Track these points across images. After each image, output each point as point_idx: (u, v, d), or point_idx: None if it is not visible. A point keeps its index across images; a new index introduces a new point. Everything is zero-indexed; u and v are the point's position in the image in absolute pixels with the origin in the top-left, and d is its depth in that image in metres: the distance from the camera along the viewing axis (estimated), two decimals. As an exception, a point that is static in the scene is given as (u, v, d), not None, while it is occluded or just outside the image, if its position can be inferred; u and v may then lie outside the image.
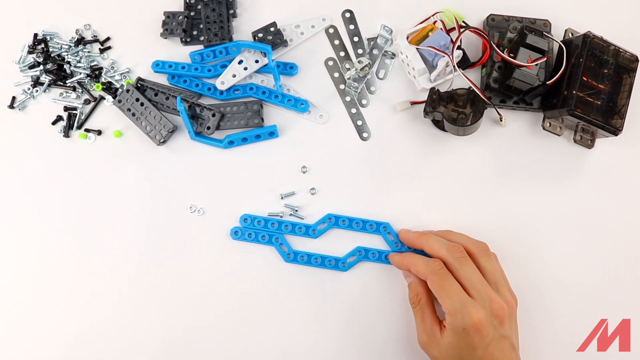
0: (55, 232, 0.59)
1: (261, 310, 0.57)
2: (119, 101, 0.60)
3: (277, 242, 0.58)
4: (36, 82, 0.62)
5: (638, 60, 0.56)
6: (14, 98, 0.62)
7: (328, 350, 0.56)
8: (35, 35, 0.63)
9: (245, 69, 0.61)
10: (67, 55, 0.62)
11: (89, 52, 0.63)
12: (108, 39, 0.63)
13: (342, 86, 0.62)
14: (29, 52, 0.63)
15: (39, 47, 0.62)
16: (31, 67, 0.62)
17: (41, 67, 0.62)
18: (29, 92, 0.62)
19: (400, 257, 0.55)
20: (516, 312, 0.52)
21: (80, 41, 0.63)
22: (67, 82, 0.62)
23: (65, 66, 0.62)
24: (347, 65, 0.61)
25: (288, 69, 0.61)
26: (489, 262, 0.52)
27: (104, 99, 0.62)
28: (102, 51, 0.63)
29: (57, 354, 0.57)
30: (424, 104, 0.57)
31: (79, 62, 0.62)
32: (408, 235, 0.56)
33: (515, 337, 0.51)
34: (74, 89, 0.62)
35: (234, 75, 0.60)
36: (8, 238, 0.59)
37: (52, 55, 0.62)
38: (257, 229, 0.58)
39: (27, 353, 0.57)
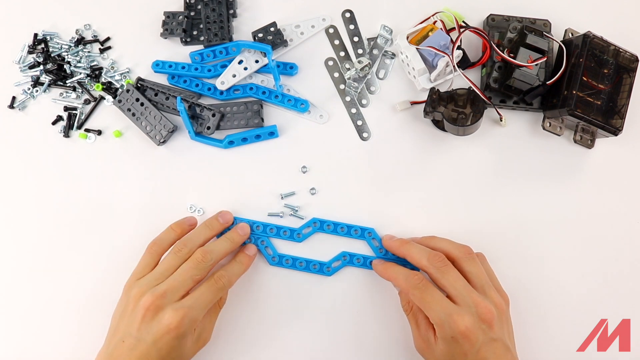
0: (54, 232, 0.59)
1: (245, 312, 0.57)
2: (119, 101, 0.60)
3: (263, 244, 0.58)
4: (36, 82, 0.62)
5: (638, 60, 0.56)
6: (14, 98, 0.62)
7: (312, 354, 0.56)
8: (35, 35, 0.63)
9: (245, 69, 0.61)
10: (67, 55, 0.62)
11: (89, 52, 0.63)
12: (108, 39, 0.63)
13: (342, 86, 0.62)
14: (29, 52, 0.63)
15: (39, 47, 0.62)
16: (31, 67, 0.62)
17: (41, 66, 0.62)
18: (28, 92, 0.62)
19: (382, 268, 0.55)
20: (508, 312, 0.52)
21: (80, 41, 0.63)
22: (67, 82, 0.62)
23: (65, 66, 0.62)
24: (347, 65, 0.61)
25: (288, 69, 0.62)
26: (473, 266, 0.51)
27: (104, 99, 0.62)
28: (102, 51, 0.63)
29: (55, 351, 0.57)
30: (424, 104, 0.57)
31: (79, 62, 0.62)
32: (390, 243, 0.56)
33: (509, 338, 0.51)
34: (74, 89, 0.62)
35: (234, 75, 0.60)
36: (8, 238, 0.59)
37: (52, 55, 0.62)
38: None
39: (25, 349, 0.57)
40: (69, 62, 0.62)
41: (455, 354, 0.48)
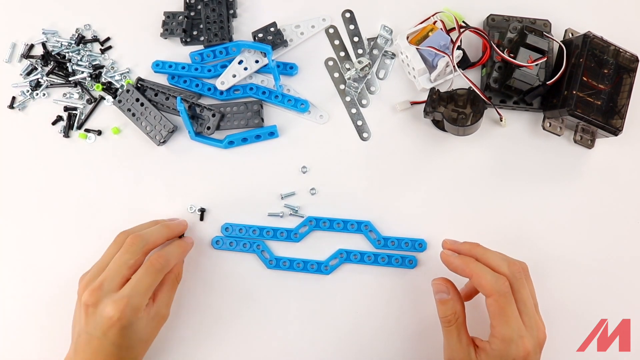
0: (54, 232, 0.59)
1: (246, 316, 0.57)
2: (119, 101, 0.60)
3: (259, 249, 0.58)
4: (36, 86, 0.62)
5: (638, 60, 0.56)
6: (13, 98, 0.62)
7: (314, 355, 0.56)
8: (32, 46, 0.63)
9: (245, 69, 0.61)
10: (68, 53, 0.62)
11: (90, 51, 0.63)
12: (108, 39, 0.63)
13: (342, 86, 0.62)
14: (25, 57, 0.62)
15: (35, 53, 0.62)
16: (29, 73, 0.62)
17: (40, 68, 0.62)
18: (27, 94, 0.61)
19: (462, 263, 0.49)
20: None
21: (81, 40, 0.63)
22: (69, 79, 0.61)
23: (67, 64, 0.62)
24: (347, 66, 0.61)
25: (288, 69, 0.61)
26: (531, 284, 0.50)
27: (104, 99, 0.62)
28: (103, 51, 0.63)
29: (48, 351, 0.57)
30: (424, 104, 0.57)
31: (81, 60, 0.62)
32: (460, 246, 0.52)
33: None
34: (76, 84, 0.61)
35: (234, 76, 0.60)
36: (7, 238, 0.59)
37: (52, 53, 0.62)
38: (238, 237, 0.58)
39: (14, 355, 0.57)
40: (70, 60, 0.62)
41: None
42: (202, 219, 0.58)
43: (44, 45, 0.62)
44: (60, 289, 0.58)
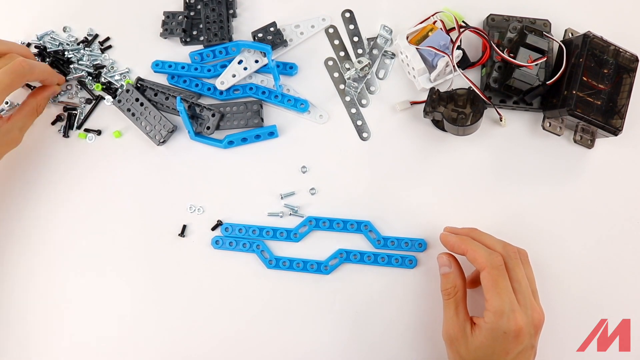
0: (54, 231, 0.59)
1: (246, 317, 0.57)
2: (119, 101, 0.60)
3: (259, 249, 0.58)
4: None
5: (638, 60, 0.56)
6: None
7: (314, 354, 0.56)
8: (29, 45, 0.62)
9: (245, 69, 0.61)
10: (68, 52, 0.62)
11: (90, 51, 0.63)
12: (108, 38, 0.63)
13: (342, 86, 0.62)
14: None
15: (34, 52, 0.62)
16: None
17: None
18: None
19: (458, 240, 0.52)
20: None
21: (83, 42, 0.62)
22: (68, 79, 0.61)
23: (67, 65, 0.62)
24: (347, 65, 0.61)
25: (288, 69, 0.61)
26: (529, 270, 0.52)
27: (104, 98, 0.62)
28: (102, 51, 0.63)
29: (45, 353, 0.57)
30: (423, 104, 0.57)
31: (81, 59, 0.62)
32: (457, 229, 0.55)
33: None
34: (78, 84, 0.61)
35: (234, 75, 0.60)
36: (5, 238, 0.59)
37: (51, 53, 0.62)
38: (238, 237, 0.58)
39: None
40: (69, 60, 0.62)
41: (495, 350, 0.48)
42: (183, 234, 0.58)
43: (43, 45, 0.62)
44: (59, 290, 0.58)
